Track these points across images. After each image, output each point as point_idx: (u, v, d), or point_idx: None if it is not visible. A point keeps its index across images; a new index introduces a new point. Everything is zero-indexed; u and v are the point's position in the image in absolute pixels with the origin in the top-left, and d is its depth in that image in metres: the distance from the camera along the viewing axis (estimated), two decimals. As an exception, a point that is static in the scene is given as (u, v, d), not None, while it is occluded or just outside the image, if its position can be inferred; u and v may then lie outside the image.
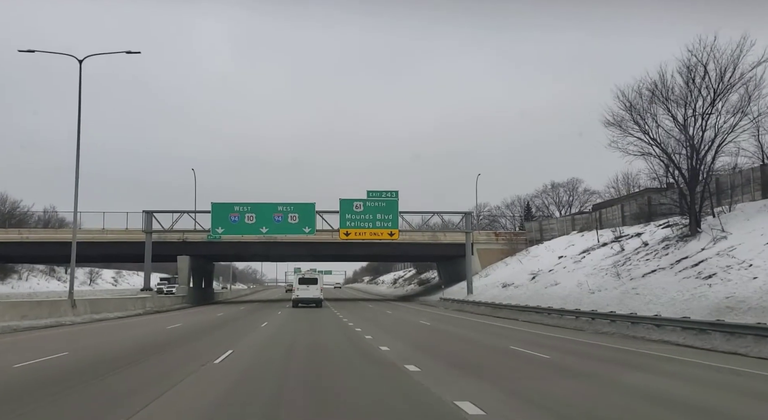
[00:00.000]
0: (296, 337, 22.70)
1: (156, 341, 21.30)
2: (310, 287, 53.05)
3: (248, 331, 25.78)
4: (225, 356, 16.06)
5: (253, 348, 19.04)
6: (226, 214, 53.38)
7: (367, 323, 31.48)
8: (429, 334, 25.68)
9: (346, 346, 19.90)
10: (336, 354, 17.47)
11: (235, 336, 23.23)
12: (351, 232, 54.12)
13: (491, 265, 65.71)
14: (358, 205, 54.09)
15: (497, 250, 66.82)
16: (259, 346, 19.83)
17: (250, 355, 17.11)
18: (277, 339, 22.19)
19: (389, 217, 54.16)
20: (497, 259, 66.10)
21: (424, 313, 42.67)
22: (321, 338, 22.59)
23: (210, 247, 65.16)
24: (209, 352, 17.10)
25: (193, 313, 45.53)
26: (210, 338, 22.65)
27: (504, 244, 66.58)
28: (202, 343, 20.54)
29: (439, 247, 66.94)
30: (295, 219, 53.65)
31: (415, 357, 15.96)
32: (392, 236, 54.58)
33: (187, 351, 18.11)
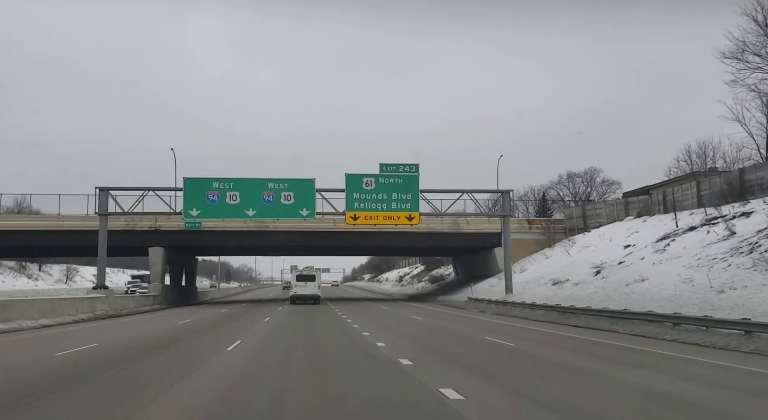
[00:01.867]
0: (287, 379, 11.24)
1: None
2: (307, 284, 51.96)
3: (205, 363, 14.22)
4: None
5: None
6: (202, 192, 41.76)
7: (398, 338, 20.07)
8: (524, 366, 14.10)
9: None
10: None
11: (173, 376, 11.74)
12: (360, 215, 42.56)
13: (525, 259, 54.30)
14: (369, 182, 42.54)
15: (530, 240, 55.44)
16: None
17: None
18: (251, 391, 10.61)
19: (407, 197, 42.62)
20: (531, 252, 54.71)
21: (465, 320, 31.21)
22: (335, 374, 11.18)
23: (188, 237, 53.62)
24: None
25: (159, 318, 34.10)
26: (118, 383, 11.13)
27: (539, 233, 55.20)
28: (99, 393, 9.11)
29: (461, 237, 55.52)
30: (290, 199, 42.07)
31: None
32: (411, 221, 43.03)
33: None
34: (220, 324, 27.80)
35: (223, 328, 25.27)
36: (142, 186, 43.08)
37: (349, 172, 42.91)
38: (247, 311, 40.19)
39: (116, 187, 42.95)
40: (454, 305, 46.81)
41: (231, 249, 62.79)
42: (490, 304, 39.83)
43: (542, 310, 31.84)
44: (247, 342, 18.86)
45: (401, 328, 25.05)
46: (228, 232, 53.60)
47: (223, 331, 23.51)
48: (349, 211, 42.58)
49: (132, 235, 52.68)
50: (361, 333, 21.88)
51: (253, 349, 16.86)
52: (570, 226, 54.73)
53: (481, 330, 24.27)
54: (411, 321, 29.77)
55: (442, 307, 45.84)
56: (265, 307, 48.19)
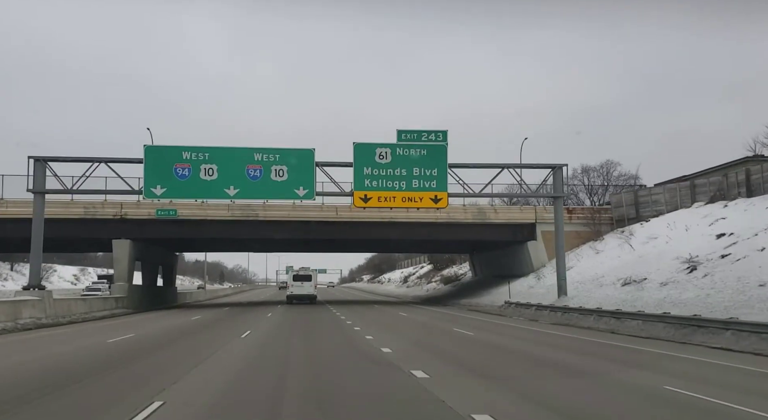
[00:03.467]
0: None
1: None
2: (304, 284, 50.70)
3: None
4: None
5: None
6: (169, 164, 31.87)
7: (486, 384, 10.25)
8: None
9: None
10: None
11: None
12: (372, 196, 32.74)
13: (566, 254, 44.57)
14: (384, 154, 32.75)
15: (571, 233, 45.54)
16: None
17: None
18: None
19: (433, 173, 32.83)
20: (572, 246, 44.92)
21: (534, 337, 21.43)
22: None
23: (161, 228, 43.86)
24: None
25: (99, 330, 24.37)
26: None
27: (582, 223, 45.52)
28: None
29: (487, 229, 45.76)
30: (283, 174, 32.23)
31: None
32: (438, 203, 33.21)
33: None
34: (166, 344, 17.92)
35: (159, 356, 15.37)
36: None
37: (359, 142, 33.11)
38: (225, 319, 30.34)
39: (56, 158, 32.90)
40: (486, 311, 37.02)
41: (213, 243, 52.90)
42: (542, 311, 30.09)
43: (636, 321, 22.04)
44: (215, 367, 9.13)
45: (468, 357, 15.20)
46: (209, 222, 43.82)
47: (151, 366, 13.57)
48: (358, 190, 32.76)
49: (93, 225, 42.87)
50: (407, 372, 11.94)
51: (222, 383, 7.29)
52: (618, 216, 45.02)
53: (594, 358, 14.48)
54: (463, 339, 19.93)
55: (473, 313, 36.03)
56: (251, 312, 38.34)
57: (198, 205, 43.70)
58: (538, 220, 45.65)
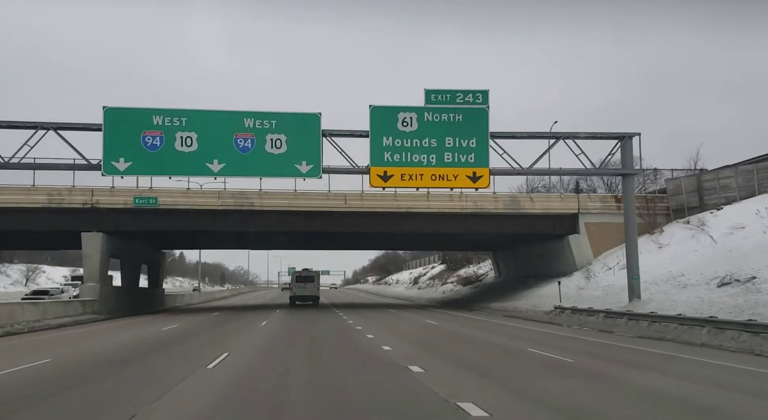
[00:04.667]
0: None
1: None
2: (306, 285, 48.50)
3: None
4: None
5: None
6: (136, 131, 24.66)
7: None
8: None
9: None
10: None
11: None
12: (394, 172, 25.50)
13: (613, 250, 37.52)
14: (408, 120, 25.54)
15: (619, 225, 38.37)
16: None
17: None
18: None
19: (471, 144, 25.61)
20: (621, 240, 37.60)
21: (667, 364, 14.11)
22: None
23: (139, 219, 36.81)
24: None
25: (30, 345, 17.34)
26: None
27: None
28: None
29: (521, 221, 38.60)
30: (281, 146, 25.04)
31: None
32: (477, 182, 25.95)
33: None
34: (76, 385, 10.58)
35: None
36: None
37: (377, 104, 25.86)
38: (204, 331, 23.08)
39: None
40: (529, 317, 29.77)
41: (203, 238, 45.72)
42: (614, 319, 22.83)
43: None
44: None
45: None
46: (196, 212, 36.72)
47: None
48: (376, 166, 25.54)
49: (59, 216, 35.82)
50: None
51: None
52: (676, 205, 37.78)
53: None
54: (562, 370, 12.68)
55: (515, 320, 28.78)
56: (244, 318, 31.17)
57: (183, 193, 36.61)
58: (581, 210, 38.49)
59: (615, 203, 39.12)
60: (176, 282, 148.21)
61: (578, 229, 38.61)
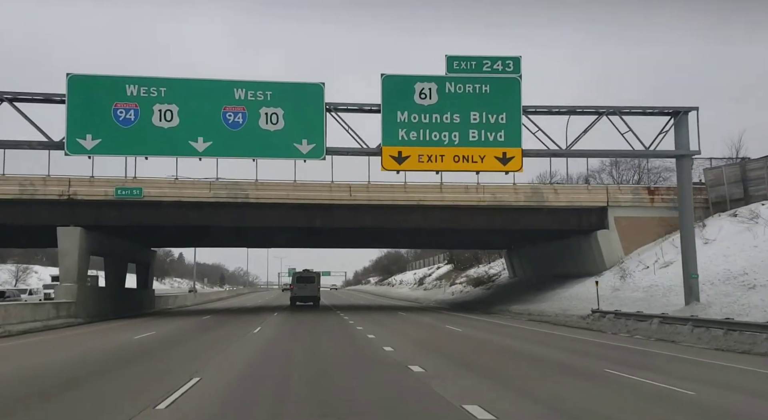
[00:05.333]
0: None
1: None
2: (307, 286, 47.74)
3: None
4: None
5: None
6: (106, 103, 20.65)
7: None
8: None
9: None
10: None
11: None
12: (410, 153, 21.49)
13: (647, 246, 33.77)
14: (427, 92, 21.53)
15: (653, 220, 34.65)
16: None
17: None
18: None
19: (501, 119, 21.61)
20: (655, 236, 34.02)
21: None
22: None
23: (124, 212, 32.90)
24: None
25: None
26: None
27: (668, 207, 34.38)
28: None
29: (544, 215, 34.63)
30: (277, 121, 21.04)
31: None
32: (507, 164, 21.92)
33: None
34: None
35: None
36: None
37: (389, 73, 21.86)
38: (185, 340, 19.06)
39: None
40: (561, 322, 25.77)
41: (193, 234, 41.66)
42: (673, 326, 18.85)
43: None
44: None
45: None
46: (185, 204, 32.85)
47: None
48: (389, 145, 21.53)
49: (32, 209, 31.87)
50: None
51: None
52: (717, 197, 33.85)
53: None
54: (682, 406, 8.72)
55: (546, 326, 24.80)
56: (236, 323, 27.20)
57: (170, 183, 32.69)
58: (610, 203, 34.54)
59: (647, 195, 35.22)
60: (174, 283, 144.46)
61: (607, 223, 34.68)
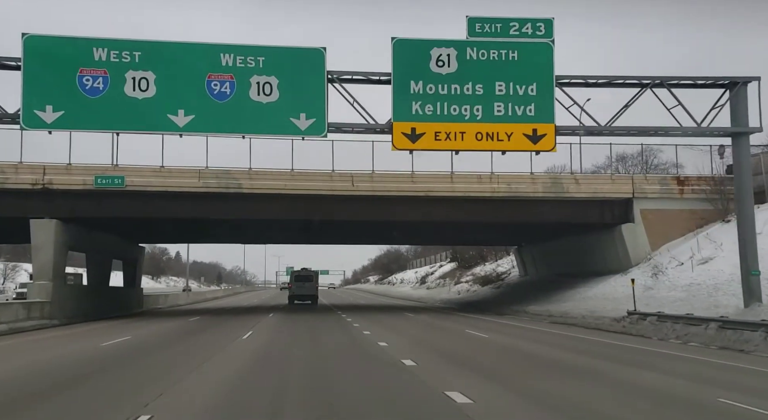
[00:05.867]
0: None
1: None
2: (305, 284, 47.70)
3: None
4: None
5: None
6: (70, 70, 17.49)
7: None
8: None
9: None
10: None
11: None
12: (425, 129, 18.37)
13: (677, 241, 30.79)
14: (445, 59, 18.43)
15: (683, 213, 31.64)
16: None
17: None
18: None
19: (530, 90, 18.51)
20: (685, 230, 31.01)
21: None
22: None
23: (105, 204, 29.76)
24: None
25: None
26: None
27: (699, 198, 31.43)
28: None
29: (563, 207, 31.58)
30: (271, 92, 17.91)
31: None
32: (538, 143, 18.81)
33: None
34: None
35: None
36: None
37: (401, 37, 18.73)
38: (158, 350, 15.91)
39: None
40: (590, 325, 22.70)
41: (182, 228, 38.43)
42: (743, 331, 15.75)
43: None
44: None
45: None
46: (172, 195, 29.72)
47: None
48: (401, 120, 18.41)
49: (3, 199, 28.70)
50: None
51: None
52: (756, 187, 30.63)
53: None
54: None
55: (573, 329, 21.73)
56: (227, 325, 24.12)
57: (155, 171, 29.54)
58: (636, 194, 31.49)
59: (677, 186, 32.14)
60: (170, 281, 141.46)
61: (632, 216, 31.63)
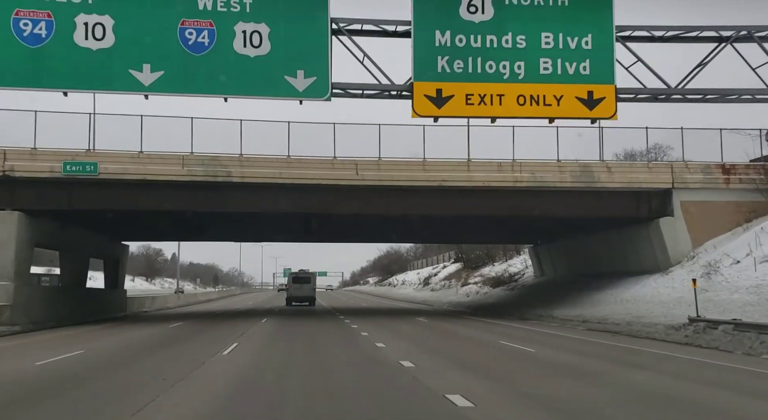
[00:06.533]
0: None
1: None
2: (303, 286, 47.67)
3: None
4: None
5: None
6: (3, 13, 13.60)
7: None
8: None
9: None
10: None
11: None
12: (454, 91, 14.59)
13: (723, 237, 26.91)
14: (480, 2, 14.52)
15: (729, 205, 27.87)
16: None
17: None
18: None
19: (585, 45, 14.71)
20: (732, 224, 27.25)
21: None
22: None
23: (77, 194, 25.92)
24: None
25: None
26: None
27: (746, 189, 27.69)
28: None
29: (594, 198, 27.76)
30: (260, 43, 14.13)
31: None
32: (595, 109, 15.06)
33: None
34: None
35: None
36: None
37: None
38: (104, 375, 12.08)
39: None
40: (639, 333, 18.94)
41: (168, 224, 34.55)
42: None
43: None
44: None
45: None
46: (152, 185, 25.86)
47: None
48: (423, 80, 14.62)
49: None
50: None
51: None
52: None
53: None
54: None
55: (626, 339, 17.95)
56: (210, 333, 20.37)
57: (133, 157, 25.68)
58: (676, 184, 27.72)
59: (722, 175, 28.32)
60: (165, 283, 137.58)
61: (672, 209, 27.87)
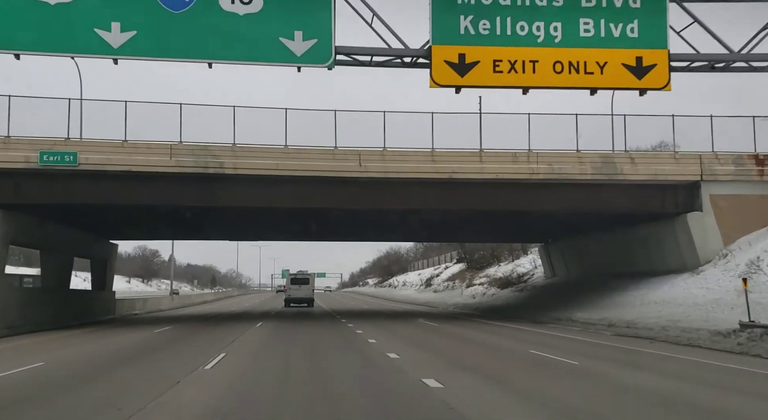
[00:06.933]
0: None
1: None
2: (301, 287, 47.96)
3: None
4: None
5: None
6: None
7: None
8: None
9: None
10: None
11: None
12: (479, 55, 12.18)
13: (758, 233, 24.72)
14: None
15: (762, 199, 25.69)
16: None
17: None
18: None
19: (632, 2, 12.39)
20: (765, 220, 24.97)
21: None
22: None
23: (56, 187, 23.73)
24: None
25: None
26: None
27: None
28: None
29: (615, 192, 25.64)
30: (250, 1, 11.71)
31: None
32: (644, 78, 12.75)
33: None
34: None
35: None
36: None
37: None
38: (58, 395, 9.86)
39: None
40: (683, 341, 16.79)
41: (158, 221, 32.31)
42: None
43: None
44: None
45: None
46: (138, 177, 23.73)
47: None
48: (443, 43, 12.34)
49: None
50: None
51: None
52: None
53: None
54: None
55: (683, 351, 15.76)
56: (197, 340, 18.22)
57: (116, 147, 23.49)
58: (704, 177, 25.53)
59: (755, 166, 26.11)
60: (162, 284, 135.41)
61: (700, 204, 25.69)
